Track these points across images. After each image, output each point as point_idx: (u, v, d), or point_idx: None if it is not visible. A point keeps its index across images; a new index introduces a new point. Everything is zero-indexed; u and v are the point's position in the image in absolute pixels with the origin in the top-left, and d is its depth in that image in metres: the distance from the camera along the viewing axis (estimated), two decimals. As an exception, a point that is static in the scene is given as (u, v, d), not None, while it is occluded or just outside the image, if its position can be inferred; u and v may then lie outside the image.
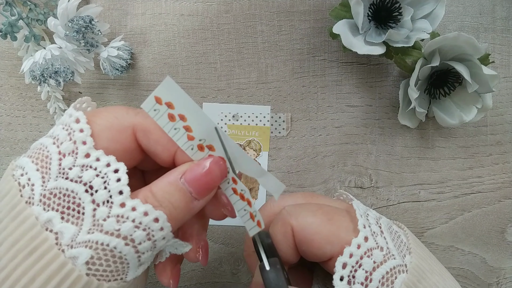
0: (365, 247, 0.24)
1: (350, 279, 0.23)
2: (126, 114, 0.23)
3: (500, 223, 0.40)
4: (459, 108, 0.35)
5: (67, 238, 0.20)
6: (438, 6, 0.32)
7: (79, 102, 0.25)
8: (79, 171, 0.21)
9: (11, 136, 0.38)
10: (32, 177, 0.21)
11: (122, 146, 0.23)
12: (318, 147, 0.38)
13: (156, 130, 0.23)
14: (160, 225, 0.21)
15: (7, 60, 0.37)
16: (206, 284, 0.39)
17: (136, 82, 0.38)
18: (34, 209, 0.20)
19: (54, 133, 0.23)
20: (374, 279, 0.23)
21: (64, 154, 0.21)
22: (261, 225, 0.24)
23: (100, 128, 0.22)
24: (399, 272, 0.23)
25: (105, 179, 0.21)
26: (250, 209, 0.24)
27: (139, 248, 0.21)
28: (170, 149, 0.23)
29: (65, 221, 0.20)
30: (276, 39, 0.38)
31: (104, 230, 0.20)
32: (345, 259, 0.23)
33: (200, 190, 0.22)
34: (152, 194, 0.22)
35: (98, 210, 0.20)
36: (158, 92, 0.22)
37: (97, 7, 0.34)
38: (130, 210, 0.21)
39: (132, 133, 0.23)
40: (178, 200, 0.22)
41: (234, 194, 0.24)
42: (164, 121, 0.23)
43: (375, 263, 0.23)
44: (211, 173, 0.22)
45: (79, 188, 0.21)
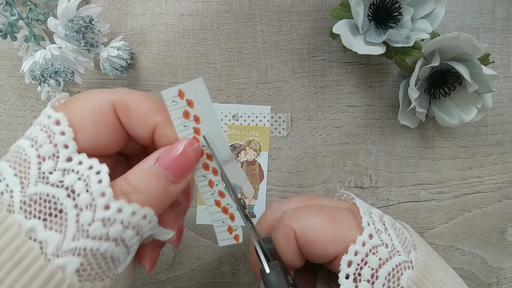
0: (370, 245, 0.23)
1: (356, 276, 0.23)
2: (104, 93, 0.23)
3: (500, 223, 0.40)
4: (459, 108, 0.35)
5: (52, 247, 0.19)
6: (438, 6, 0.32)
7: (57, 100, 0.24)
8: (60, 175, 0.20)
9: (11, 136, 0.38)
10: (10, 183, 0.20)
11: (106, 126, 0.22)
12: (318, 147, 0.38)
13: (136, 106, 0.23)
14: (148, 220, 0.21)
15: (7, 60, 0.37)
16: (206, 284, 0.39)
17: (136, 82, 0.38)
18: (16, 217, 0.19)
19: (31, 134, 0.22)
20: (380, 276, 0.23)
21: (43, 157, 0.20)
22: (238, 239, 0.24)
23: (82, 112, 0.22)
24: (405, 268, 0.23)
25: (86, 182, 0.20)
26: (231, 223, 0.24)
27: (129, 244, 0.21)
28: (149, 125, 0.23)
29: (49, 229, 0.19)
30: (276, 39, 0.38)
31: (91, 235, 0.19)
32: (350, 257, 0.23)
33: (176, 173, 0.22)
34: (127, 182, 0.21)
35: (82, 215, 0.20)
36: (184, 87, 0.22)
37: (97, 7, 0.34)
38: (117, 212, 0.20)
39: (114, 111, 0.23)
40: (154, 185, 0.21)
41: (214, 205, 0.24)
42: (177, 114, 0.22)
43: (381, 260, 0.23)
44: (185, 155, 0.22)
45: (61, 193, 0.20)
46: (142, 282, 0.39)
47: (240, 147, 0.38)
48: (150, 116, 0.23)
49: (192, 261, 0.39)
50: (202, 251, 0.39)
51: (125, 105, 0.23)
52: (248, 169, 0.38)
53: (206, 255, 0.39)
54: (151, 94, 0.24)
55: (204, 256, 0.39)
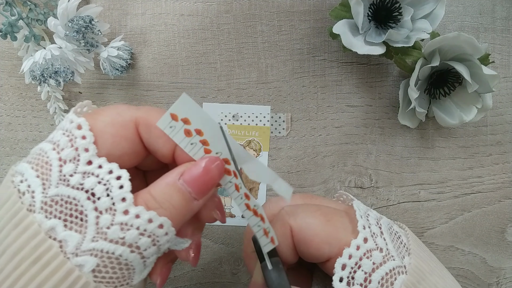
0: (365, 248, 0.24)
1: (349, 280, 0.23)
2: (128, 110, 0.23)
3: (500, 223, 0.40)
4: (459, 108, 0.35)
5: (71, 247, 0.20)
6: (438, 6, 0.32)
7: (80, 106, 0.24)
8: (80, 178, 0.21)
9: (11, 136, 0.38)
10: (32, 184, 0.21)
11: (126, 141, 0.23)
12: (318, 147, 0.38)
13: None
14: (165, 231, 0.21)
15: (7, 60, 0.37)
16: (206, 284, 0.39)
17: (136, 82, 0.38)
18: (36, 217, 0.20)
19: (54, 138, 0.22)
20: (373, 280, 0.23)
21: (65, 160, 0.21)
22: (274, 242, 0.24)
23: (104, 124, 0.22)
24: (399, 273, 0.23)
25: (107, 186, 0.21)
26: (263, 225, 0.24)
27: (145, 254, 0.21)
28: (170, 143, 0.23)
29: (68, 229, 0.20)
30: (276, 39, 0.38)
31: (109, 238, 0.20)
32: (344, 260, 0.23)
33: (199, 190, 0.22)
34: (151, 196, 0.21)
35: (102, 218, 0.20)
36: (174, 109, 0.22)
37: (97, 7, 0.34)
38: (134, 217, 0.20)
39: (135, 128, 0.23)
40: (178, 201, 0.22)
41: (247, 209, 0.24)
42: (180, 137, 0.23)
43: (374, 264, 0.23)
44: (209, 172, 0.22)
45: (81, 195, 0.20)
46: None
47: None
48: None
49: (192, 261, 0.39)
50: (202, 251, 0.39)
51: (147, 122, 0.23)
52: (248, 169, 0.38)
53: (206, 255, 0.39)
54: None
55: (204, 256, 0.39)
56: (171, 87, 0.38)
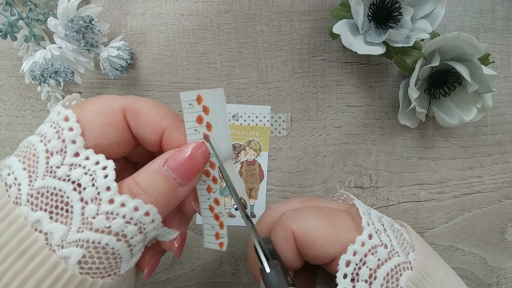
0: (370, 245, 0.24)
1: (354, 276, 0.23)
2: (116, 98, 0.24)
3: (500, 223, 0.40)
4: (459, 108, 0.35)
5: (57, 238, 0.20)
6: (438, 6, 0.32)
7: (68, 100, 0.24)
8: (67, 169, 0.21)
9: (11, 136, 0.38)
10: (18, 176, 0.21)
11: (114, 129, 0.23)
12: (318, 147, 0.38)
13: (145, 111, 0.23)
14: (151, 218, 0.21)
15: (7, 60, 0.37)
16: (206, 284, 0.39)
17: (136, 82, 0.38)
18: (22, 210, 0.20)
19: (41, 130, 0.22)
20: (378, 276, 0.23)
21: (52, 152, 0.21)
22: (223, 246, 0.25)
23: (92, 113, 0.22)
24: (404, 269, 0.23)
25: (93, 176, 0.21)
26: (219, 230, 0.25)
27: (131, 242, 0.21)
28: (158, 130, 0.23)
29: (54, 221, 0.20)
30: (276, 39, 0.38)
31: (94, 228, 0.20)
32: (348, 257, 0.23)
33: (184, 176, 0.22)
34: (136, 183, 0.21)
35: (87, 208, 0.20)
36: (204, 94, 0.22)
37: (97, 7, 0.34)
38: (120, 206, 0.20)
39: (123, 116, 0.23)
40: (163, 187, 0.22)
41: (208, 210, 0.25)
42: (191, 117, 0.23)
43: (380, 261, 0.23)
44: (193, 158, 0.22)
45: (67, 186, 0.20)
46: (142, 282, 0.39)
47: (240, 147, 0.38)
48: (158, 120, 0.23)
49: (192, 261, 0.39)
50: (202, 251, 0.39)
51: (134, 110, 0.23)
52: (248, 169, 0.38)
53: (206, 255, 0.39)
54: (159, 102, 0.25)
55: (204, 256, 0.39)
56: (171, 87, 0.38)
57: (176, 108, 0.38)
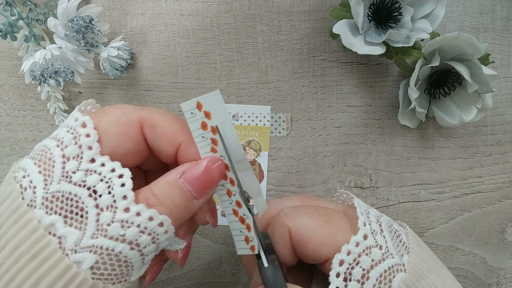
0: (364, 245, 0.24)
1: (346, 276, 0.23)
2: (133, 110, 0.24)
3: (500, 223, 0.40)
4: (459, 108, 0.35)
5: (70, 243, 0.20)
6: (438, 6, 0.32)
7: (84, 105, 0.25)
8: (83, 175, 0.21)
9: (11, 136, 0.38)
10: (34, 180, 0.21)
11: (130, 140, 0.23)
12: (318, 147, 0.38)
13: (162, 124, 0.23)
14: (165, 229, 0.21)
15: (7, 60, 0.37)
16: (206, 284, 0.39)
17: (136, 82, 0.38)
18: (36, 213, 0.20)
19: (58, 135, 0.23)
20: (371, 277, 0.23)
21: (68, 157, 0.21)
22: (254, 250, 0.25)
23: (109, 123, 0.23)
24: (398, 271, 0.23)
25: (109, 184, 0.21)
26: (247, 233, 0.25)
27: (144, 251, 0.21)
28: (174, 143, 0.23)
29: (68, 225, 0.20)
30: (276, 39, 0.38)
31: (109, 235, 0.20)
32: (342, 256, 0.23)
33: (200, 189, 0.22)
34: (152, 193, 0.22)
35: (102, 215, 0.20)
36: (202, 100, 0.22)
37: (97, 7, 0.34)
38: (135, 215, 0.21)
39: (139, 127, 0.23)
40: (178, 199, 0.22)
41: (233, 215, 0.25)
42: (195, 126, 0.23)
43: (373, 261, 0.23)
44: (209, 172, 0.23)
45: (83, 192, 0.21)
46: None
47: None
48: (175, 134, 0.23)
49: (192, 261, 0.39)
50: (202, 251, 0.39)
51: (152, 122, 0.23)
52: (248, 169, 0.38)
53: (206, 255, 0.39)
54: (175, 114, 0.25)
55: (204, 256, 0.39)
56: (171, 87, 0.38)
57: (176, 108, 0.38)
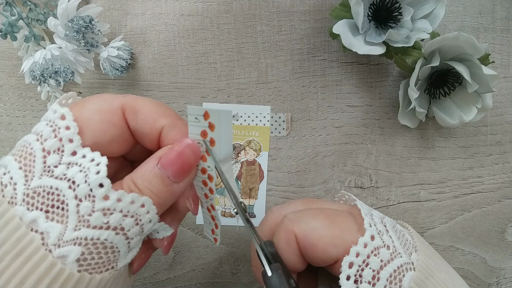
0: (372, 246, 0.24)
1: (357, 278, 0.23)
2: (114, 97, 0.24)
3: (500, 223, 0.40)
4: (459, 108, 0.35)
5: (53, 238, 0.20)
6: (438, 6, 0.32)
7: (65, 98, 0.24)
8: (65, 168, 0.21)
9: (11, 136, 0.38)
10: (14, 176, 0.21)
11: (114, 127, 0.23)
12: (318, 147, 0.38)
13: (144, 109, 0.23)
14: (147, 209, 0.21)
15: (7, 60, 0.37)
16: (206, 284, 0.39)
17: (136, 82, 0.38)
18: (18, 209, 0.20)
19: (37, 129, 0.22)
20: (381, 277, 0.23)
21: (48, 151, 0.21)
22: (216, 242, 0.27)
23: (91, 112, 0.22)
24: (407, 270, 0.23)
25: (86, 173, 0.21)
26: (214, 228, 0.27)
27: (129, 234, 0.21)
28: (156, 128, 0.23)
29: (50, 220, 0.20)
30: (276, 39, 0.38)
31: (92, 225, 0.20)
32: (351, 258, 0.23)
33: (176, 173, 0.22)
34: (133, 182, 0.22)
35: (82, 205, 0.20)
36: (212, 112, 0.22)
37: (97, 7, 0.34)
38: (116, 201, 0.20)
39: (122, 114, 0.23)
40: (157, 185, 0.22)
41: (206, 209, 0.26)
42: (195, 131, 0.23)
43: (382, 262, 0.23)
44: (184, 155, 0.22)
45: (63, 184, 0.20)
46: (142, 282, 0.39)
47: (240, 147, 0.38)
48: (157, 118, 0.23)
49: (192, 261, 0.39)
50: (202, 251, 0.39)
51: (133, 108, 0.23)
52: (248, 169, 0.38)
53: (206, 255, 0.39)
54: (157, 100, 0.25)
55: (204, 256, 0.39)
56: (171, 87, 0.38)
57: (176, 108, 0.38)
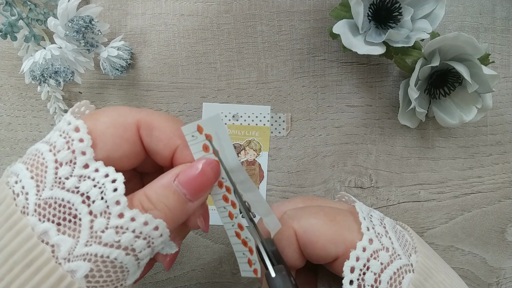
0: (371, 249, 0.24)
1: (360, 282, 0.23)
2: (130, 111, 0.23)
3: (500, 223, 0.40)
4: (459, 108, 0.35)
5: (64, 251, 0.19)
6: (438, 6, 0.32)
7: (78, 107, 0.24)
8: (76, 181, 0.20)
9: (11, 136, 0.38)
10: (26, 185, 0.20)
11: (127, 142, 0.23)
12: (318, 147, 0.38)
13: (160, 127, 0.23)
14: (160, 233, 0.21)
15: (7, 60, 0.37)
16: (206, 284, 0.39)
17: (136, 82, 0.38)
18: (30, 220, 0.20)
19: (50, 139, 0.22)
20: (382, 280, 0.23)
21: (61, 163, 0.21)
22: (257, 273, 0.25)
23: (105, 125, 0.22)
24: (406, 272, 0.23)
25: (102, 190, 0.20)
26: (250, 256, 0.25)
27: (139, 256, 0.21)
28: (171, 147, 0.23)
29: (62, 233, 0.20)
30: (276, 39, 0.38)
31: (103, 242, 0.20)
32: (352, 263, 0.23)
33: (194, 192, 0.22)
34: (147, 197, 0.21)
35: (96, 222, 0.20)
36: (203, 123, 0.22)
37: (97, 7, 0.34)
38: (130, 220, 0.20)
39: (136, 130, 0.23)
40: (172, 202, 0.22)
41: (236, 237, 0.25)
42: (197, 148, 0.23)
43: (382, 265, 0.23)
44: (204, 174, 0.22)
45: (76, 198, 0.20)
46: (142, 282, 0.39)
47: (240, 147, 0.38)
48: (172, 137, 0.23)
49: (192, 261, 0.39)
50: (202, 251, 0.39)
51: (149, 125, 0.23)
52: (248, 169, 0.38)
53: (206, 255, 0.39)
54: (173, 116, 0.25)
55: (204, 256, 0.39)
56: (171, 87, 0.38)
57: (176, 108, 0.38)
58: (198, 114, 0.38)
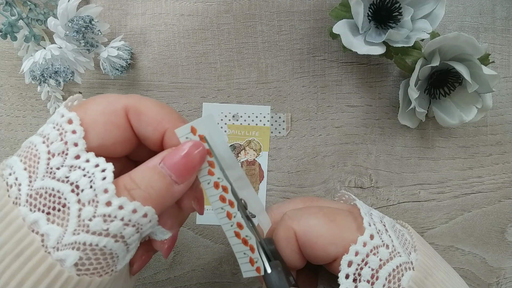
0: (371, 245, 0.24)
1: (356, 277, 0.23)
2: (118, 98, 0.24)
3: (500, 223, 0.40)
4: (459, 108, 0.35)
5: (52, 240, 0.20)
6: (438, 6, 0.32)
7: (70, 100, 0.24)
8: (67, 171, 0.21)
9: (11, 136, 0.38)
10: (19, 177, 0.21)
11: (118, 128, 0.23)
12: (318, 147, 0.38)
13: (148, 112, 0.23)
14: (149, 219, 0.21)
15: (7, 60, 0.37)
16: (206, 284, 0.39)
17: (136, 82, 0.38)
18: (21, 210, 0.20)
19: (44, 131, 0.22)
20: (380, 276, 0.23)
21: (53, 154, 0.21)
22: (260, 272, 0.24)
23: (95, 113, 0.23)
24: (406, 269, 0.23)
25: (91, 178, 0.21)
26: (251, 255, 0.24)
27: (128, 241, 0.21)
28: (159, 131, 0.23)
29: (51, 222, 0.20)
30: (276, 39, 0.38)
31: (91, 230, 0.20)
32: (350, 257, 0.23)
33: (180, 173, 0.22)
34: (131, 179, 0.21)
35: (84, 210, 0.20)
36: (196, 124, 0.23)
37: (97, 7, 0.34)
38: (117, 208, 0.20)
39: (125, 115, 0.23)
40: (157, 183, 0.22)
41: (235, 237, 0.24)
42: None
43: (381, 261, 0.23)
44: (189, 156, 0.22)
45: (65, 187, 0.20)
46: (142, 282, 0.39)
47: (240, 147, 0.38)
48: (160, 121, 0.23)
49: (192, 261, 0.39)
50: (202, 251, 0.39)
51: (137, 109, 0.23)
52: (248, 169, 0.38)
53: (206, 255, 0.39)
54: (161, 102, 0.25)
55: (204, 256, 0.39)
56: (171, 87, 0.38)
57: (176, 108, 0.38)
58: (198, 114, 0.38)
